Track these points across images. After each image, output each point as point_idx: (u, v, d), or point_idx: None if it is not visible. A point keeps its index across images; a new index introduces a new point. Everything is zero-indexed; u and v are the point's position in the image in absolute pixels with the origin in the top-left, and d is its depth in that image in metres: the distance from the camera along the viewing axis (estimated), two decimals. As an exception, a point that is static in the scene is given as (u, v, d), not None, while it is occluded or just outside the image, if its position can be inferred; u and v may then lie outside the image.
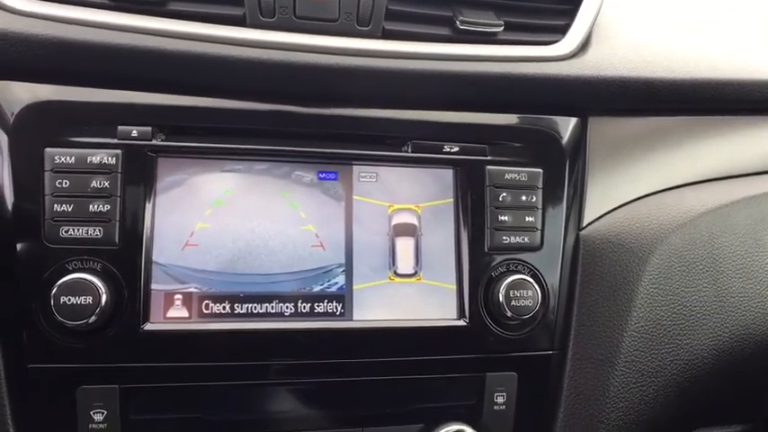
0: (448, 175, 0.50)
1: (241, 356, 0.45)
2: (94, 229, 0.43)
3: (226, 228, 0.46)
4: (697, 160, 0.60)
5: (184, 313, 0.44)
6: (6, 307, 0.42)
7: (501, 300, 0.48)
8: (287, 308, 0.45)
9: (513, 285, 0.48)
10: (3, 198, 0.43)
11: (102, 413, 0.43)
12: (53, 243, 0.43)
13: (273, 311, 0.45)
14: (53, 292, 0.41)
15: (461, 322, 0.48)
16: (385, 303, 0.47)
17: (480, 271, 0.49)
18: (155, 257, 0.44)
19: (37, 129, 0.44)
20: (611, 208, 0.56)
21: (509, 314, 0.48)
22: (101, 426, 0.43)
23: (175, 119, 0.46)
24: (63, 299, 0.41)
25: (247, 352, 0.45)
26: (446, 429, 0.47)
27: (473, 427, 0.48)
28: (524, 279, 0.49)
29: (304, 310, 0.46)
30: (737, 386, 0.64)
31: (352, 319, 0.46)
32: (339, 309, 0.46)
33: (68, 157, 0.44)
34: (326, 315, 0.46)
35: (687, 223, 0.57)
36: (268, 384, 0.46)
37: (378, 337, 0.47)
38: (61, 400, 0.43)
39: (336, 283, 0.46)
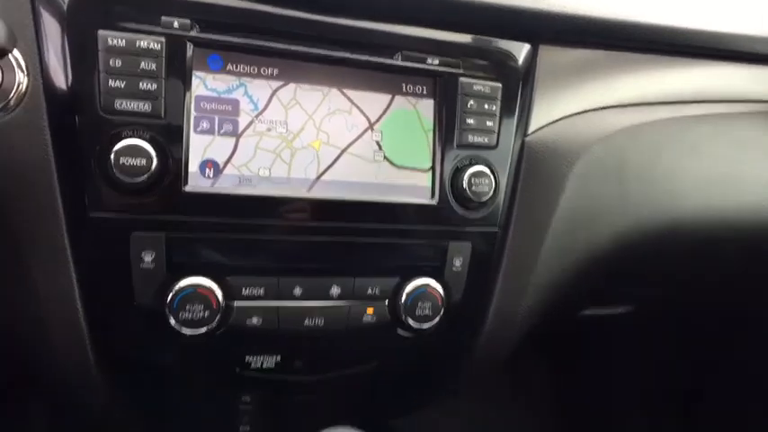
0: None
1: (259, 215, 0.55)
2: (144, 104, 0.51)
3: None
4: (620, 88, 0.75)
5: (217, 179, 0.54)
6: (70, 167, 0.51)
7: (465, 186, 0.61)
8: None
9: (474, 175, 0.61)
10: (62, 74, 0.50)
11: (152, 255, 0.53)
12: (109, 114, 0.51)
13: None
14: (113, 153, 0.50)
15: (433, 202, 0.61)
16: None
17: (450, 162, 0.62)
18: (194, 131, 0.54)
19: (90, 12, 0.51)
20: (550, 121, 0.69)
21: (470, 197, 0.61)
22: (150, 266, 0.53)
23: (211, 15, 0.54)
24: (122, 159, 0.50)
25: (266, 212, 0.56)
26: (417, 281, 0.61)
27: (437, 282, 0.62)
28: (483, 170, 0.62)
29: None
30: (627, 269, 0.83)
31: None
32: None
33: (119, 40, 0.51)
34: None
35: (606, 137, 0.72)
36: (278, 238, 0.57)
37: (369, 209, 0.59)
38: (117, 244, 0.52)
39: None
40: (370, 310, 0.60)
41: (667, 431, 1.47)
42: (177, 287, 0.53)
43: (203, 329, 0.54)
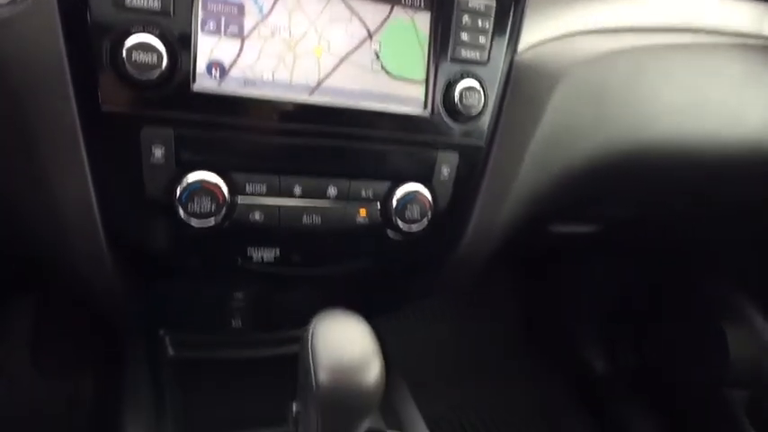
0: None
1: (262, 116, 0.59)
2: (154, 0, 0.53)
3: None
4: (604, 14, 0.78)
5: (223, 79, 0.57)
6: (82, 61, 0.53)
7: (456, 99, 0.65)
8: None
9: (465, 89, 0.65)
10: None
11: (161, 150, 0.56)
12: (120, 9, 0.52)
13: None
14: (124, 49, 0.52)
15: (426, 113, 0.65)
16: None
17: (443, 75, 0.65)
18: (201, 31, 0.56)
19: None
20: (538, 41, 0.73)
21: (460, 110, 0.65)
22: (160, 160, 0.56)
23: None
24: (134, 55, 0.52)
25: (269, 113, 0.59)
26: (407, 186, 0.66)
27: (426, 188, 0.67)
28: (474, 85, 0.65)
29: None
30: (598, 189, 0.89)
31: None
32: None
33: None
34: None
35: (588, 61, 0.76)
36: (279, 139, 0.61)
37: (366, 116, 0.62)
38: (129, 138, 0.55)
39: None
40: (363, 212, 0.65)
41: (623, 350, 1.60)
42: (185, 181, 0.57)
43: (210, 222, 0.58)
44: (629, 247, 1.41)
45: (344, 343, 0.50)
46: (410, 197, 0.66)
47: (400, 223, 0.66)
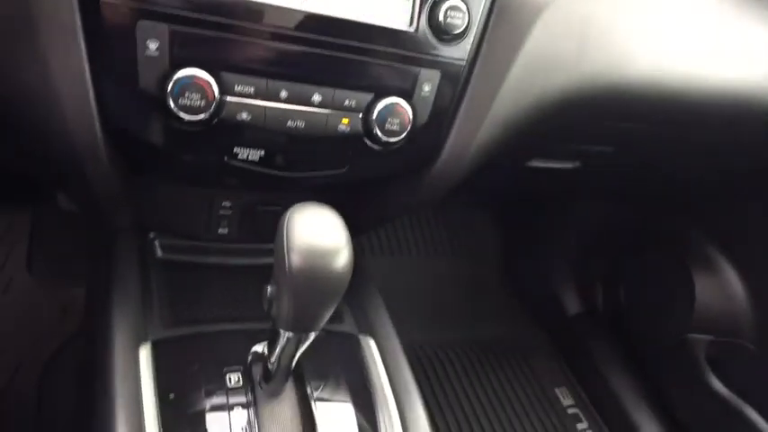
0: None
1: (254, 19, 0.61)
2: None
3: None
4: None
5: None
6: None
7: (441, 18, 0.68)
8: None
9: (450, 8, 0.67)
10: None
11: (156, 44, 0.59)
12: None
13: None
14: None
15: (411, 29, 0.68)
16: None
17: None
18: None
19: None
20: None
21: (444, 29, 0.68)
22: (154, 54, 0.59)
23: None
24: None
25: (262, 17, 0.62)
26: (389, 99, 0.69)
27: (407, 103, 0.70)
28: (459, 5, 0.68)
29: None
30: (576, 123, 0.93)
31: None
32: None
33: None
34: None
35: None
36: (269, 43, 0.63)
37: (354, 27, 0.65)
38: (125, 30, 0.58)
39: None
40: (345, 121, 0.69)
41: (595, 293, 1.66)
42: (177, 75, 0.60)
43: (200, 116, 0.62)
44: (606, 191, 1.46)
45: (317, 230, 0.54)
46: (391, 110, 0.69)
47: (380, 134, 0.70)
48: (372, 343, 0.79)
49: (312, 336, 0.59)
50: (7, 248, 1.32)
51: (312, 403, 0.68)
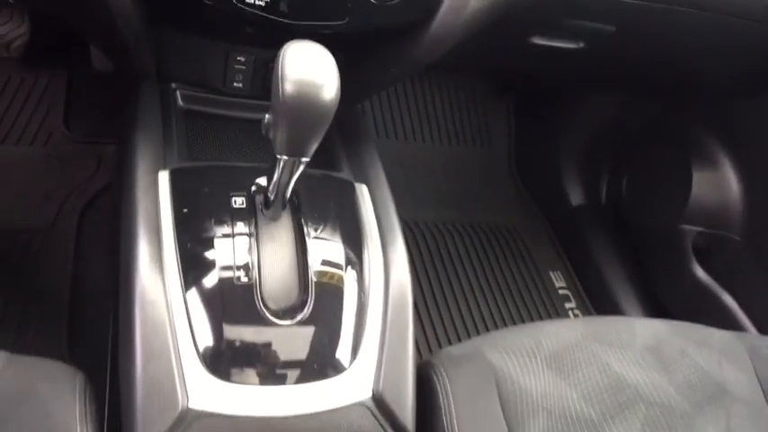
0: None
1: None
2: None
3: None
4: None
5: None
6: None
7: None
8: None
9: None
10: None
11: None
12: None
13: None
14: None
15: None
16: None
17: None
18: None
19: None
20: None
21: None
22: None
23: None
24: None
25: None
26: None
27: None
28: None
29: None
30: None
31: None
32: None
33: None
34: None
35: None
36: None
37: None
38: None
39: None
40: None
41: (599, 185, 1.72)
42: None
43: None
44: (613, 81, 1.48)
45: (309, 64, 0.61)
46: None
47: (378, -14, 0.75)
48: (365, 189, 0.88)
49: (304, 161, 0.68)
50: (46, 106, 1.44)
51: (306, 232, 0.78)
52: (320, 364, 0.71)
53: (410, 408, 0.74)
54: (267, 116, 0.66)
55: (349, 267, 0.78)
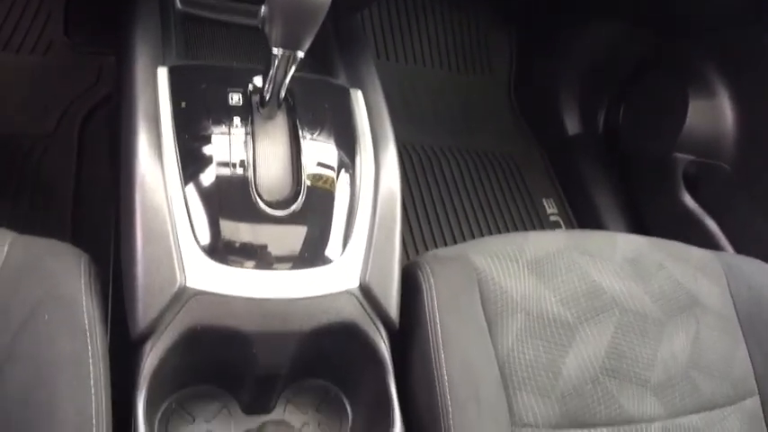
0: None
1: None
2: None
3: None
4: None
5: None
6: None
7: None
8: None
9: None
10: None
11: None
12: None
13: None
14: None
15: None
16: None
17: None
18: None
19: None
20: None
21: None
22: None
23: None
24: None
25: None
26: None
27: None
28: None
29: None
30: None
31: None
32: None
33: None
34: None
35: None
36: None
37: None
38: None
39: None
40: None
41: (597, 115, 1.73)
42: None
43: None
44: (613, 9, 1.47)
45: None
46: None
47: None
48: (360, 95, 0.90)
49: (299, 56, 0.69)
50: (46, 14, 1.43)
51: (300, 131, 0.80)
52: (311, 254, 0.75)
53: (395, 299, 0.79)
54: (263, 8, 0.68)
55: (341, 167, 0.81)
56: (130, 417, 0.68)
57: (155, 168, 0.71)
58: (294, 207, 0.75)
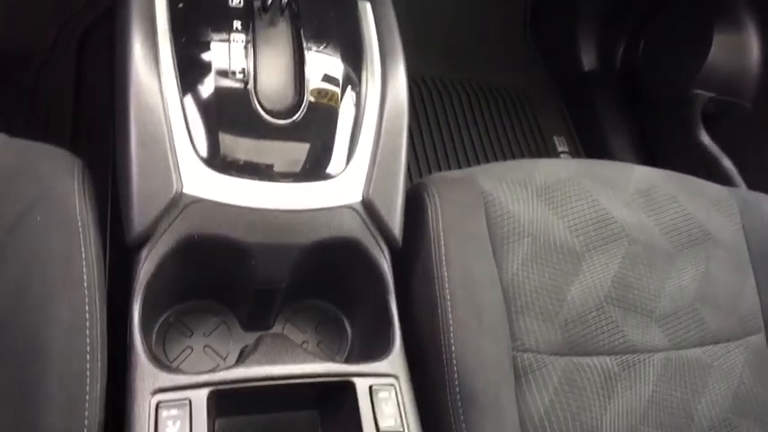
0: None
1: None
2: None
3: None
4: None
5: None
6: None
7: None
8: None
9: None
10: None
11: None
12: None
13: None
14: None
15: None
16: None
17: None
18: None
19: None
20: None
21: None
22: None
23: None
24: None
25: None
26: None
27: None
28: None
29: None
30: None
31: None
32: None
33: None
34: None
35: None
36: None
37: None
38: None
39: None
40: None
41: (614, 50, 1.66)
42: None
43: None
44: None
45: None
46: None
47: None
48: (369, 6, 0.85)
49: None
50: None
51: (304, 39, 0.76)
52: (313, 167, 0.72)
53: (398, 217, 0.76)
54: None
55: (346, 79, 0.77)
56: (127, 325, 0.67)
57: (150, 69, 0.68)
58: (296, 117, 0.72)
